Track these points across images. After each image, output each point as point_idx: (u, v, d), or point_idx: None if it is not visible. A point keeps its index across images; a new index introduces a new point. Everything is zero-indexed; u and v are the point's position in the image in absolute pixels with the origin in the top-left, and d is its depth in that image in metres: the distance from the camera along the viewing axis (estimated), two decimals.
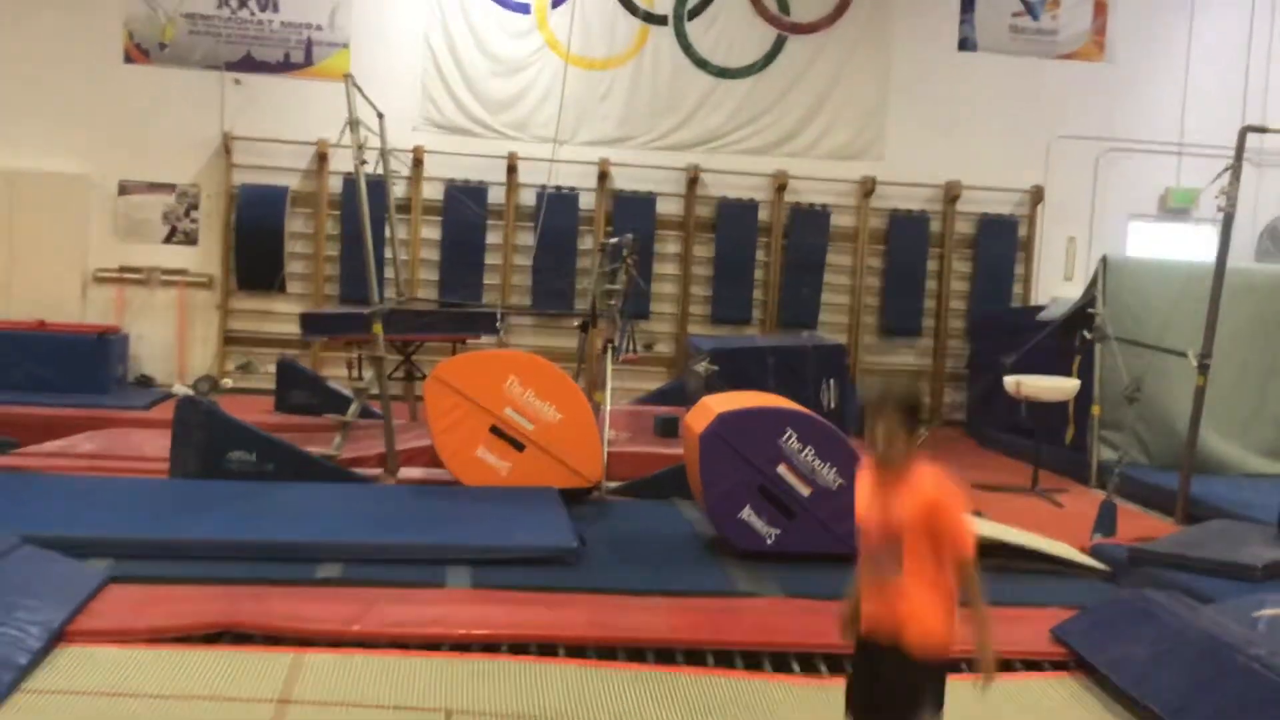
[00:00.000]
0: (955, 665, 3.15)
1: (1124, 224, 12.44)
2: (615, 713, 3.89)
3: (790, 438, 5.63)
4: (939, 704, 3.09)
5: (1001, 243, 12.25)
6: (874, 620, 3.07)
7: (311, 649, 4.18)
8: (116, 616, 4.40)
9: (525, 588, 4.97)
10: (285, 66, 11.47)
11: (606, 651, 4.37)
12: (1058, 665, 4.57)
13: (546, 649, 4.35)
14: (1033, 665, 4.58)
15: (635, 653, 4.39)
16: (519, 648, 4.34)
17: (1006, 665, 4.52)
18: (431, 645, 4.28)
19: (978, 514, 6.72)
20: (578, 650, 4.38)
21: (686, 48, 11.92)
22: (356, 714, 3.71)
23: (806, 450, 5.65)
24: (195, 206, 11.49)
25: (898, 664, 2.99)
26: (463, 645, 4.31)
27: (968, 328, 12.22)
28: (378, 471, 7.30)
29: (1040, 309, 10.46)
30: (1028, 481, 8.42)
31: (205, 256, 11.50)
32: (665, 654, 4.40)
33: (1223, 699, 3.85)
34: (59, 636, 4.15)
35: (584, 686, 4.06)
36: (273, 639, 4.26)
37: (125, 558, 5.02)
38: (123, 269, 11.37)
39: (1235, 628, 4.29)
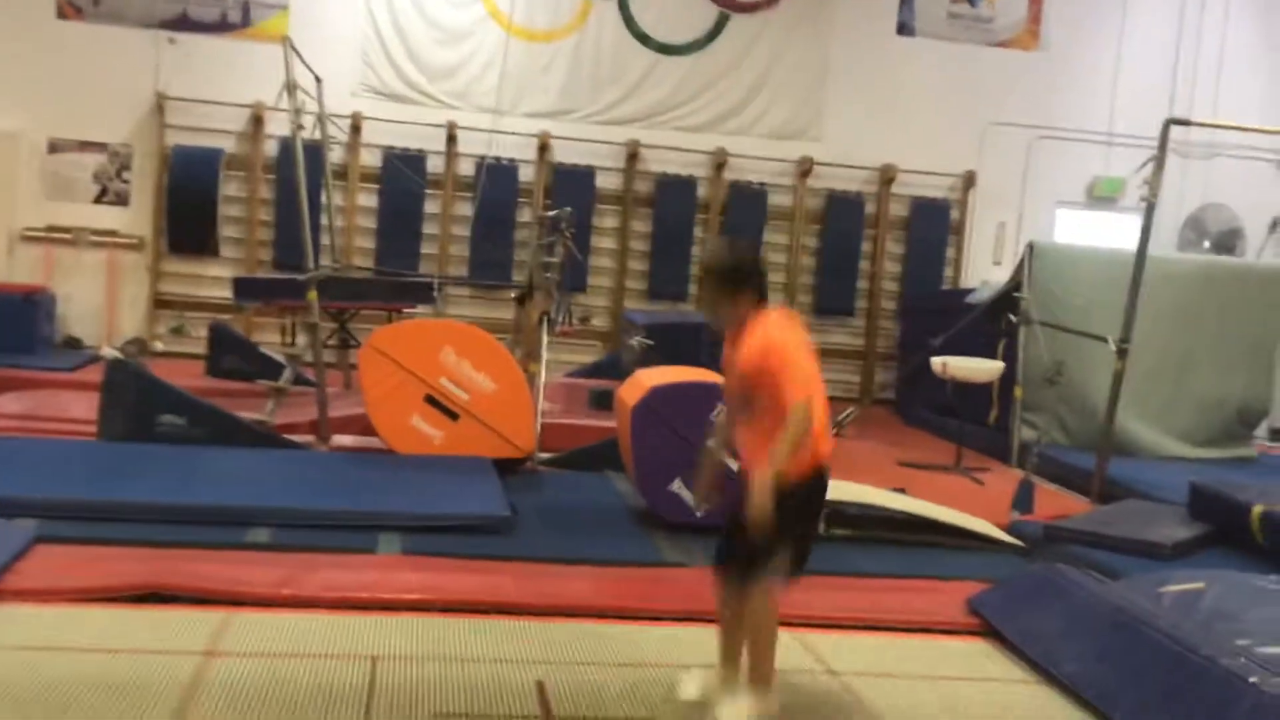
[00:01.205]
0: (808, 497, 3.39)
1: (1053, 211, 12.71)
2: (543, 658, 4.02)
3: (721, 411, 5.71)
4: (800, 549, 3.42)
5: (934, 226, 12.47)
6: (740, 463, 3.47)
7: (241, 609, 4.21)
8: (43, 576, 4.38)
9: (457, 555, 5.03)
10: (222, 27, 11.30)
11: (535, 615, 4.45)
12: (972, 634, 4.73)
13: (476, 613, 4.41)
14: (948, 634, 4.73)
15: (564, 617, 4.48)
16: (448, 612, 4.40)
17: (923, 632, 4.73)
18: (361, 608, 4.33)
19: (900, 490, 6.90)
20: (506, 614, 4.46)
21: (629, 22, 11.93)
22: (282, 664, 3.77)
23: None
24: (127, 167, 11.31)
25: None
26: (392, 608, 4.36)
27: (899, 309, 12.43)
28: (310, 439, 7.29)
29: (969, 292, 10.67)
30: (952, 460, 8.63)
31: (136, 218, 11.33)
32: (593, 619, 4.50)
33: (1126, 667, 4.02)
34: None
35: (511, 637, 4.19)
36: (201, 600, 4.27)
37: (52, 518, 4.99)
38: (51, 228, 11.17)
39: (1142, 602, 4.47)
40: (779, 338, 3.40)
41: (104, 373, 6.78)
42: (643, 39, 11.96)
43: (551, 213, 8.18)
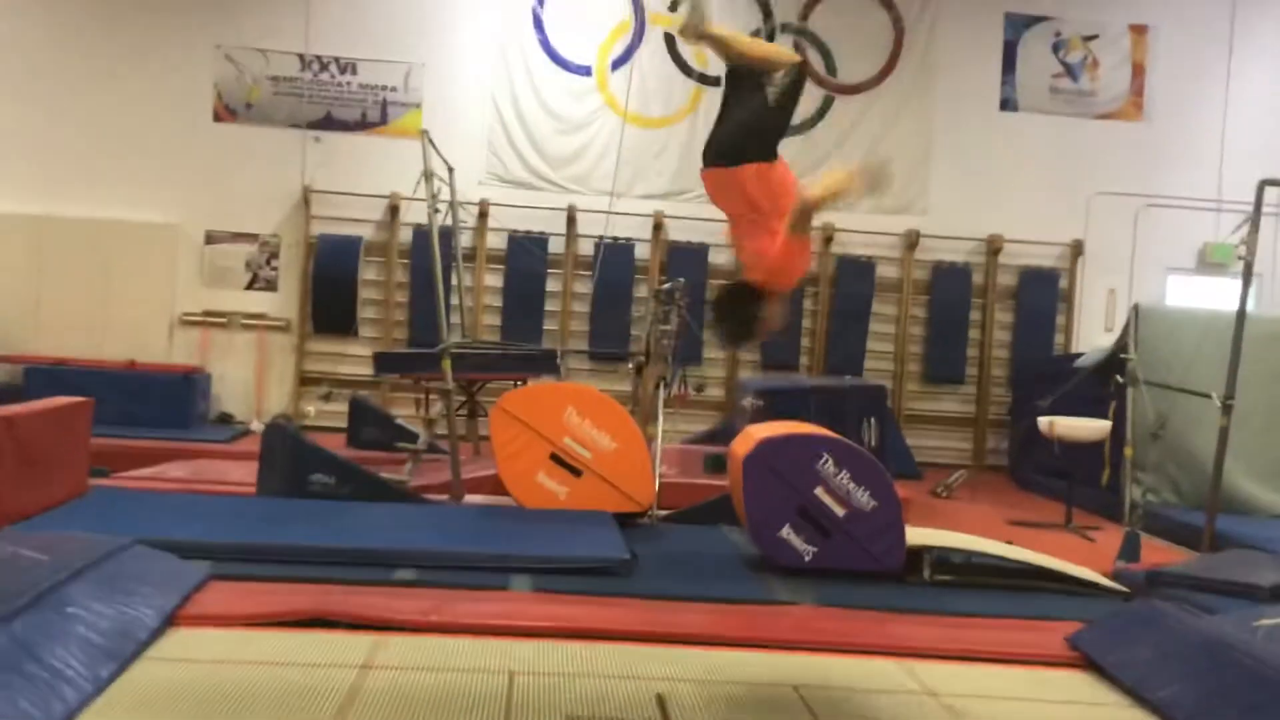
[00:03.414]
0: None
1: (1163, 277, 12.80)
2: (662, 675, 4.38)
3: (827, 462, 6.09)
4: None
5: (1043, 294, 12.66)
6: None
7: (392, 633, 4.70)
8: (218, 605, 4.93)
9: (582, 593, 5.45)
10: (362, 125, 12.26)
11: (655, 642, 4.84)
12: (1072, 667, 4.95)
13: (601, 639, 4.82)
14: (1048, 666, 4.96)
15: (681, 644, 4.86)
16: (576, 638, 4.82)
17: (1024, 664, 4.97)
18: (499, 634, 4.78)
19: (1008, 542, 7.12)
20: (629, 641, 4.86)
21: None
22: (432, 675, 4.22)
23: (842, 474, 6.09)
24: (275, 255, 12.26)
25: None
26: (526, 634, 4.80)
27: (1010, 376, 12.60)
28: (444, 497, 7.84)
29: (1079, 356, 10.83)
30: (1062, 519, 8.78)
31: (284, 302, 12.25)
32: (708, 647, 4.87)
33: (1213, 689, 4.22)
34: (171, 620, 4.68)
35: (633, 659, 4.58)
36: (358, 625, 4.77)
37: (222, 560, 5.56)
38: (207, 313, 12.15)
39: (1233, 631, 4.66)
40: None
41: (262, 436, 7.45)
42: None
43: (666, 285, 8.69)
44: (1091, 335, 12.54)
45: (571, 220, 12.28)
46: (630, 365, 9.31)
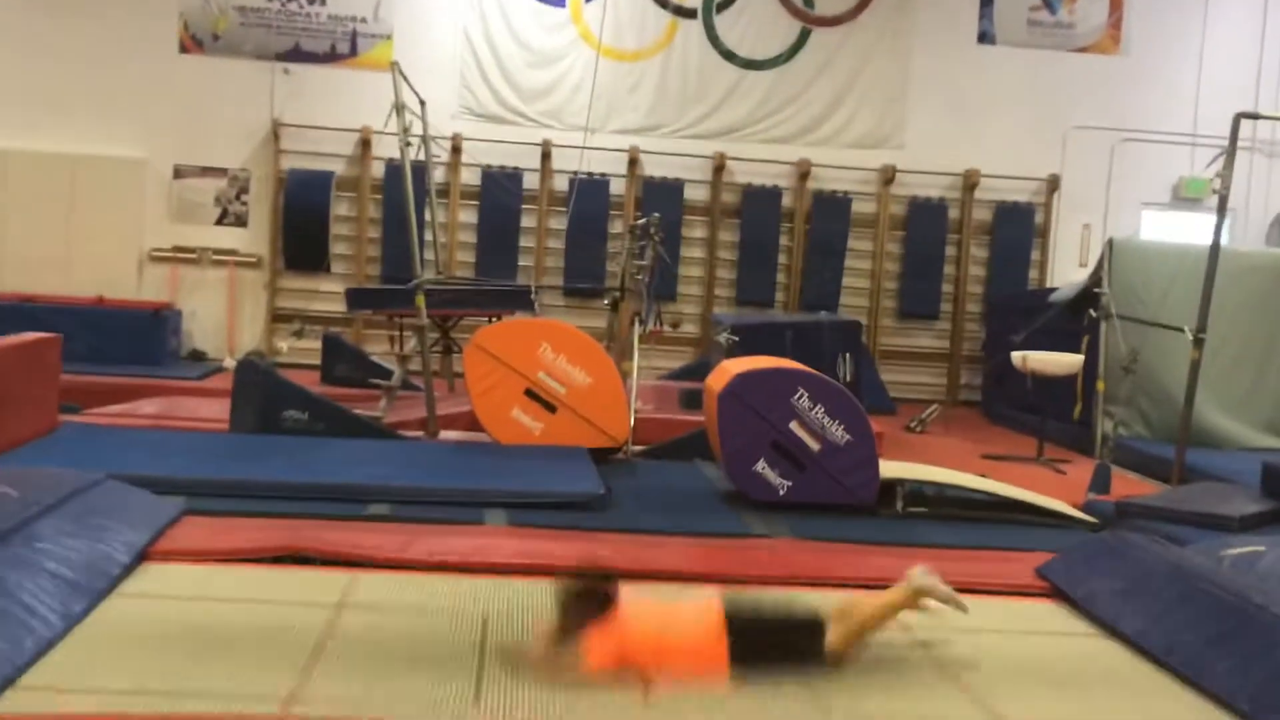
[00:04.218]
0: None
1: (1138, 212, 12.81)
2: None
3: (802, 396, 6.09)
4: None
5: (1018, 229, 12.66)
6: None
7: (367, 570, 4.68)
8: (192, 540, 4.90)
9: (556, 528, 5.46)
10: (332, 57, 12.05)
11: (630, 578, 4.84)
12: (1041, 596, 5.00)
13: None
14: (1017, 595, 5.01)
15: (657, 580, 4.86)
16: (551, 572, 4.82)
17: (992, 594, 5.01)
18: (473, 569, 4.77)
19: (982, 475, 7.17)
20: None
21: (714, 40, 12.39)
22: (405, 612, 4.21)
23: (817, 408, 6.10)
24: (245, 190, 12.10)
25: None
26: (501, 569, 4.80)
27: (984, 311, 12.63)
28: (419, 433, 7.81)
29: (1053, 291, 10.85)
30: (1034, 453, 8.84)
31: (254, 237, 12.11)
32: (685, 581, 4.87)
33: (1183, 619, 4.26)
34: (143, 555, 4.65)
35: None
36: (331, 561, 4.76)
37: (196, 495, 5.53)
38: (176, 249, 12.00)
39: (1201, 561, 4.72)
40: None
41: (235, 373, 7.39)
42: (727, 56, 12.42)
43: (641, 220, 8.63)
44: (1066, 270, 12.58)
45: (546, 155, 12.15)
46: (605, 301, 9.26)
